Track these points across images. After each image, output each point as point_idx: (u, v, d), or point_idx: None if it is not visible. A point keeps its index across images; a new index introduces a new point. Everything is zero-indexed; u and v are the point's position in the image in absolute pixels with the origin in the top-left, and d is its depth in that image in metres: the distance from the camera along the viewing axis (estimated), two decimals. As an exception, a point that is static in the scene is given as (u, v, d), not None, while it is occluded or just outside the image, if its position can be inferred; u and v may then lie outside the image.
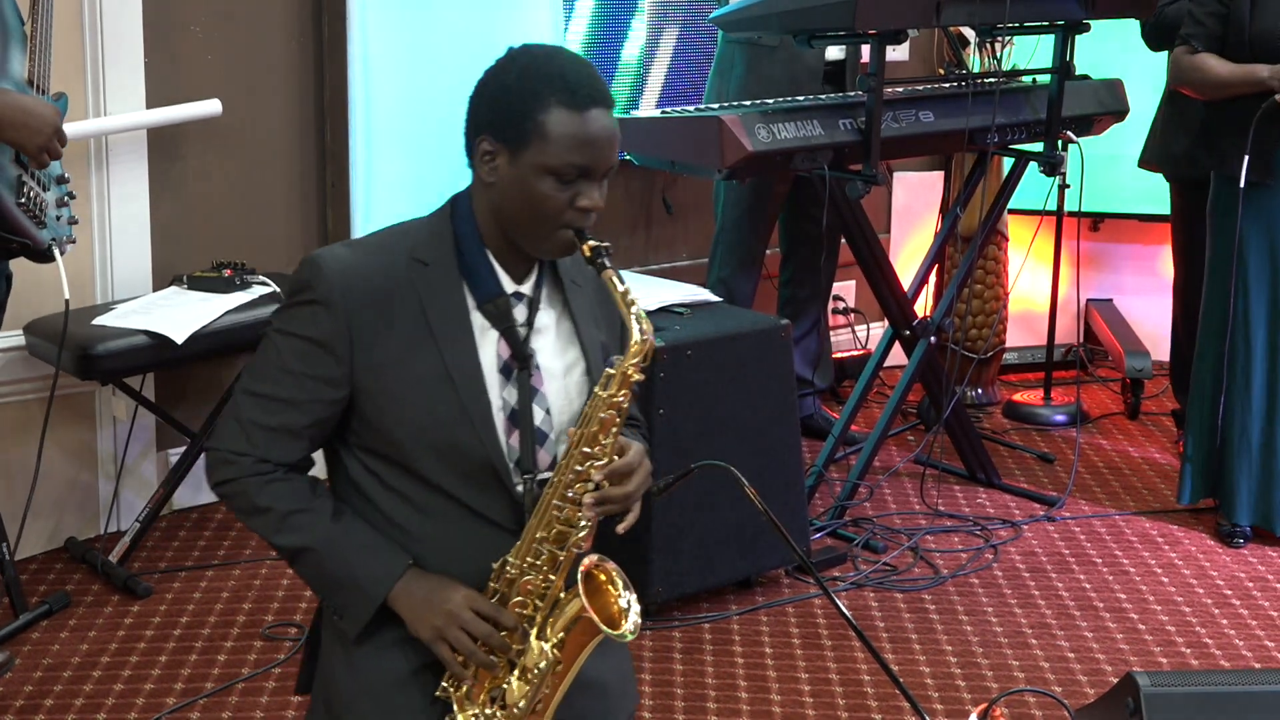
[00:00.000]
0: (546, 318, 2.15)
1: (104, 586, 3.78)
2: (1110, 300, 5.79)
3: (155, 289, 4.00)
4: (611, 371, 2.06)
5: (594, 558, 2.10)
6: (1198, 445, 4.21)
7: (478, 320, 2.08)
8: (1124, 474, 4.74)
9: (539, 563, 2.07)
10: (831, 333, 5.27)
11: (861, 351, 5.58)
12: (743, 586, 3.83)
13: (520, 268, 2.12)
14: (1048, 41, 4.37)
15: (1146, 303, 5.74)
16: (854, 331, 5.73)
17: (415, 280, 2.06)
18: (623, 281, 2.07)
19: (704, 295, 3.95)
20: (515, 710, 2.08)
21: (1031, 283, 5.52)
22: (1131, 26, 4.49)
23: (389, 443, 2.07)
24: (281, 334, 2.08)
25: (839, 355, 5.43)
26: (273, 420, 2.07)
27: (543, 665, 2.07)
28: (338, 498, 2.13)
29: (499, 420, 2.07)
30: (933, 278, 4.82)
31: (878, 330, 5.49)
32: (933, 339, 4.36)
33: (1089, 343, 5.78)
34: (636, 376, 2.07)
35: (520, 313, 2.11)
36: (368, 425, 2.08)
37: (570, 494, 2.05)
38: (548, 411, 2.12)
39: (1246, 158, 3.89)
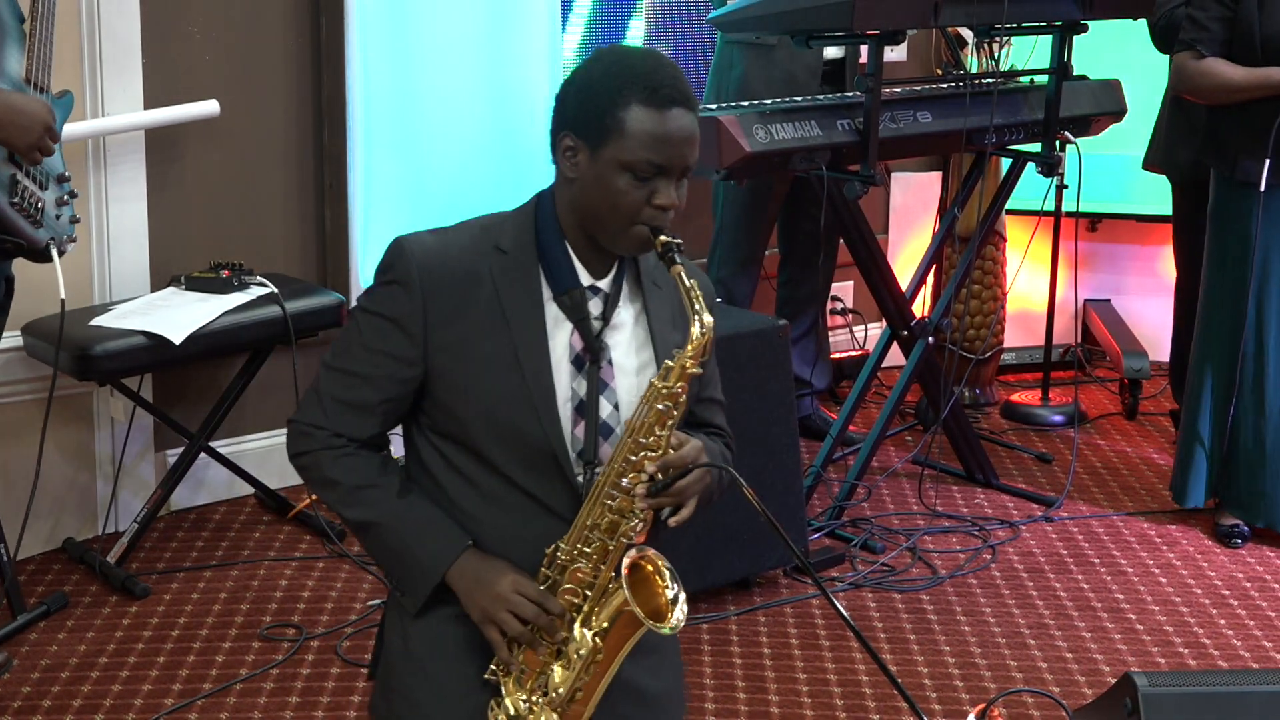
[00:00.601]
0: (624, 315, 2.19)
1: (102, 587, 3.78)
2: (1108, 301, 5.79)
3: (153, 289, 4.00)
4: (670, 364, 2.10)
5: (638, 550, 2.13)
6: (1207, 447, 4.19)
7: (552, 311, 2.14)
8: (1122, 474, 4.74)
9: (589, 551, 2.11)
10: (830, 333, 5.27)
11: (859, 352, 5.58)
12: (741, 587, 3.83)
13: (599, 263, 2.16)
14: (1045, 42, 4.37)
15: (1144, 303, 5.74)
16: (852, 332, 5.73)
17: (494, 267, 2.12)
18: (691, 277, 2.09)
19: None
20: (555, 695, 2.12)
21: (1029, 283, 5.52)
22: (1130, 27, 4.49)
23: (457, 424, 2.12)
24: (364, 312, 2.15)
25: (837, 356, 5.43)
26: (348, 395, 2.14)
27: (583, 653, 2.10)
28: (409, 478, 2.19)
29: (565, 410, 2.12)
30: (931, 278, 4.82)
31: (876, 331, 5.49)
32: (931, 339, 4.36)
33: (1087, 343, 5.78)
34: (695, 370, 2.09)
35: (595, 306, 2.16)
36: (438, 406, 2.13)
37: (623, 483, 2.08)
38: (616, 406, 2.16)
39: (1269, 161, 3.88)
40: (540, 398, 2.10)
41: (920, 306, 4.50)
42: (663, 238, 2.09)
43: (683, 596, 2.12)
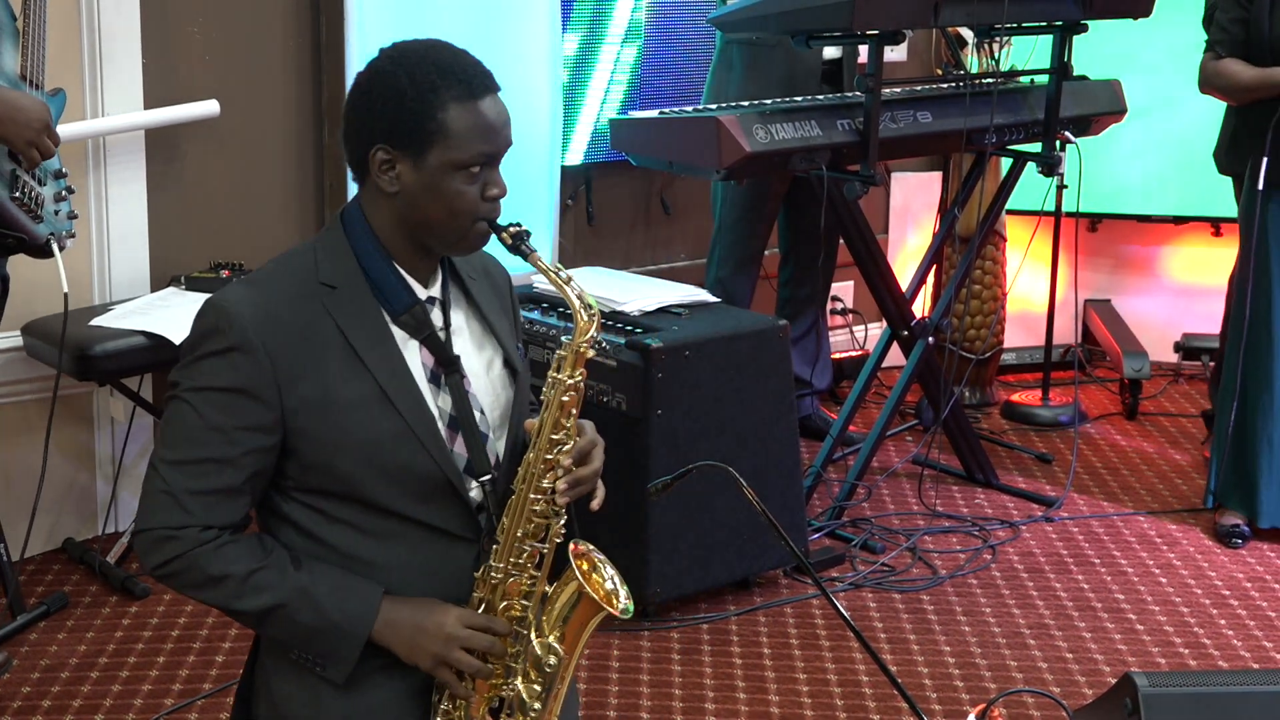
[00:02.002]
0: (457, 318, 2.11)
1: (102, 587, 3.78)
2: (1108, 301, 5.79)
3: (153, 290, 4.00)
4: (564, 354, 2.04)
5: (579, 544, 2.08)
6: (1220, 446, 4.20)
7: (397, 334, 2.03)
8: (1122, 474, 4.74)
9: (522, 561, 2.04)
10: (830, 333, 5.27)
11: (859, 352, 5.58)
12: (741, 587, 3.83)
13: (426, 272, 2.07)
14: (1045, 42, 4.37)
15: (1145, 303, 5.74)
16: (852, 332, 5.72)
17: (327, 305, 1.99)
18: (552, 261, 2.04)
19: (702, 296, 3.95)
20: (533, 712, 2.06)
21: (1029, 283, 5.52)
22: (1130, 27, 4.49)
23: (333, 477, 2.00)
24: (197, 391, 1.96)
25: (837, 356, 5.43)
26: (207, 484, 1.96)
27: (552, 661, 2.05)
28: (287, 546, 2.03)
29: (441, 430, 2.03)
30: (931, 278, 4.82)
31: (876, 331, 5.49)
32: (931, 339, 4.36)
33: (1087, 343, 5.77)
34: (590, 353, 2.04)
35: (436, 317, 2.07)
36: (307, 466, 2.00)
37: (544, 484, 2.03)
38: (482, 411, 2.09)
39: (1266, 160, 3.90)
40: (422, 428, 2.00)
41: (920, 306, 4.50)
42: (511, 228, 2.02)
43: (622, 583, 2.08)
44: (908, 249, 5.69)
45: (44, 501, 3.84)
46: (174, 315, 3.71)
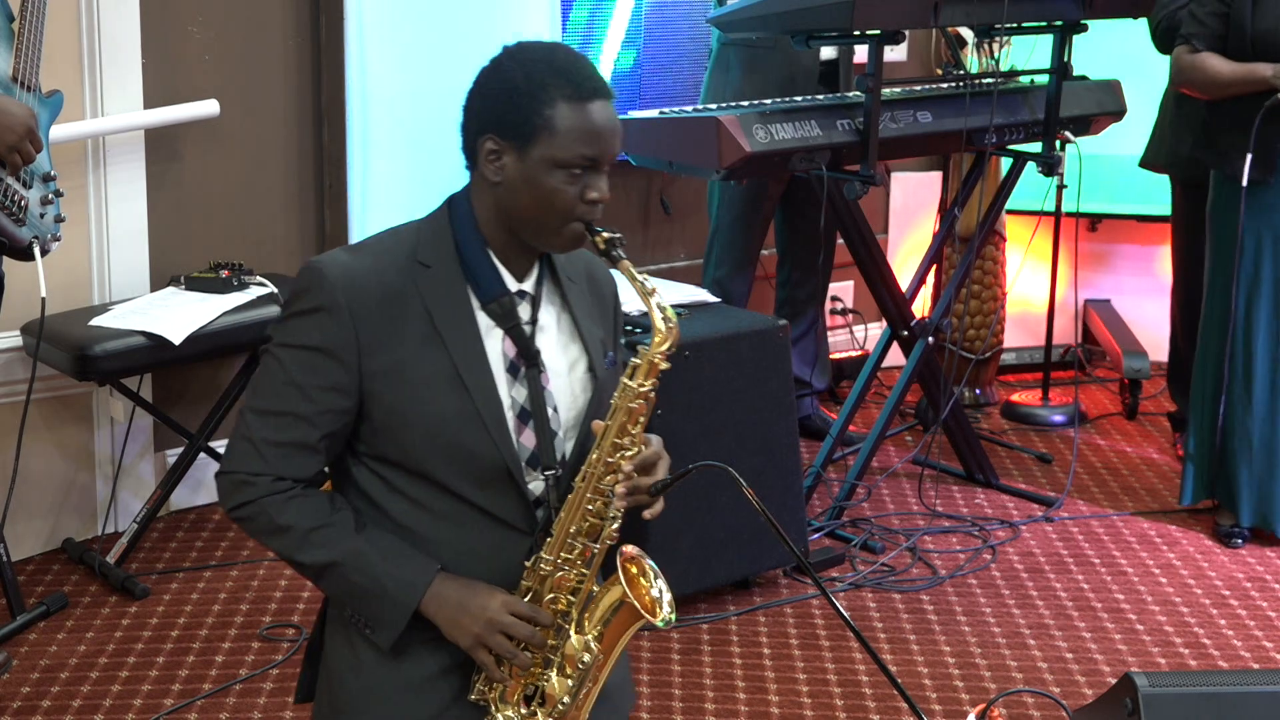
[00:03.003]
0: (548, 315, 2.15)
1: (101, 587, 3.78)
2: (1108, 301, 5.79)
3: (153, 289, 4.00)
4: (638, 361, 2.08)
5: (631, 548, 2.12)
6: (1199, 445, 4.21)
7: (483, 320, 2.08)
8: (1122, 474, 4.74)
9: (572, 557, 2.08)
10: (829, 333, 5.27)
11: (859, 352, 5.58)
12: (740, 587, 3.83)
13: (522, 265, 2.12)
14: (1045, 42, 4.37)
15: (1145, 303, 5.74)
16: (852, 332, 5.73)
17: (419, 282, 2.05)
18: (640, 272, 2.08)
19: (702, 295, 3.95)
20: (560, 706, 2.09)
21: (1029, 283, 5.52)
22: (1130, 27, 4.49)
23: (399, 448, 2.06)
24: (285, 347, 2.05)
25: (837, 356, 5.43)
26: (285, 436, 2.04)
27: (586, 659, 2.08)
28: (356, 510, 2.10)
29: (509, 419, 2.08)
30: (931, 278, 4.82)
31: (875, 331, 5.49)
32: (931, 339, 4.36)
33: (1087, 343, 5.77)
34: (664, 365, 2.08)
35: (524, 310, 2.11)
36: (377, 432, 2.06)
37: (602, 486, 2.07)
38: (554, 409, 2.13)
39: (1249, 156, 3.90)
40: (489, 413, 2.05)
41: (920, 306, 4.50)
42: (604, 234, 2.06)
43: (667, 592, 2.11)
44: (907, 249, 5.69)
45: (43, 501, 3.85)
46: (174, 315, 3.71)
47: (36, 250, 3.24)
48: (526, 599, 2.08)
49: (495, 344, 2.09)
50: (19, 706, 3.22)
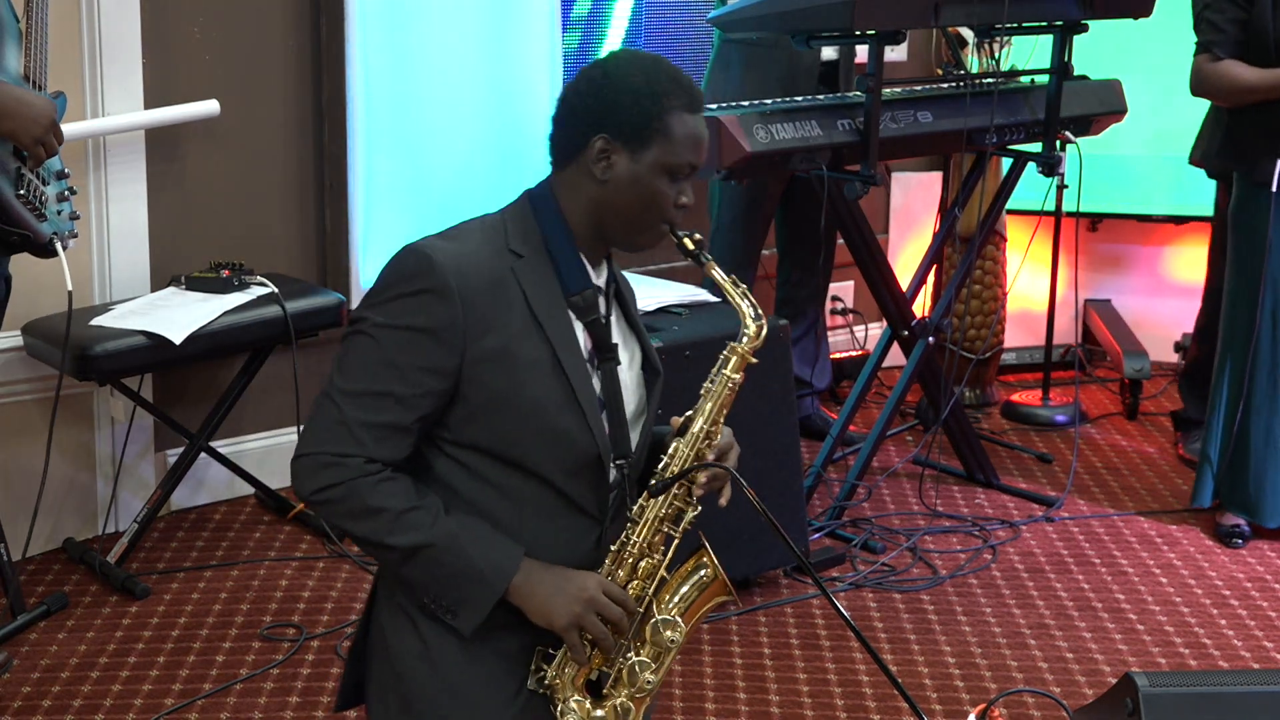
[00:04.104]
0: (614, 311, 2.23)
1: (102, 587, 3.78)
2: (1108, 301, 5.79)
3: (153, 289, 4.00)
4: (730, 354, 2.20)
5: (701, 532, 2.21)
6: (1220, 448, 4.19)
7: (568, 311, 2.15)
8: (1122, 474, 4.74)
9: (655, 542, 2.16)
10: (830, 333, 5.27)
11: (860, 352, 5.58)
12: (741, 587, 3.83)
13: (599, 262, 2.20)
14: (1045, 42, 4.37)
15: (1145, 303, 5.74)
16: (852, 332, 5.73)
17: (515, 269, 2.10)
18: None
19: (702, 295, 3.95)
20: (645, 686, 2.15)
21: (1030, 283, 5.52)
22: (1130, 27, 4.49)
23: (494, 432, 2.09)
24: (385, 328, 2.05)
25: (837, 356, 5.43)
26: (380, 417, 2.04)
27: (673, 636, 2.15)
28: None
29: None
30: (931, 278, 4.82)
31: (876, 331, 5.49)
32: (931, 339, 4.36)
33: (1087, 343, 5.78)
34: (753, 359, 2.21)
35: (601, 305, 2.19)
36: (473, 416, 2.09)
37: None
38: (622, 400, 2.20)
39: (1279, 162, 3.89)
40: (585, 399, 2.11)
41: (920, 306, 4.50)
42: (695, 236, 2.17)
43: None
44: (908, 249, 5.69)
45: (44, 501, 3.84)
46: (174, 315, 3.71)
47: (59, 246, 3.24)
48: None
49: (579, 335, 2.15)
50: (19, 706, 3.22)
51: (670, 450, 2.16)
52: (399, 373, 2.04)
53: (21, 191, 3.13)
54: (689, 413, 2.18)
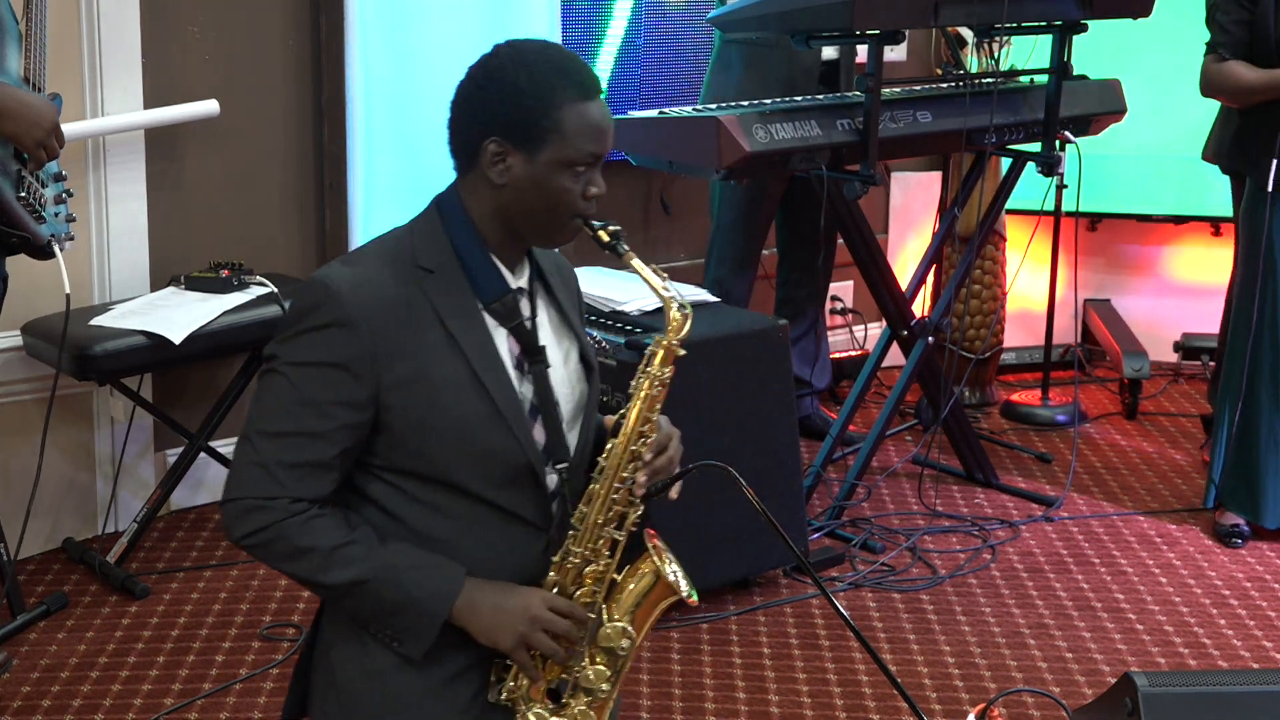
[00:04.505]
0: (540, 310, 2.17)
1: (101, 587, 3.78)
2: (1108, 300, 5.79)
3: (153, 289, 4.00)
4: (656, 349, 2.11)
5: (653, 532, 2.15)
6: (1224, 447, 4.20)
7: (487, 320, 2.09)
8: (1122, 474, 4.74)
9: (599, 547, 2.10)
10: (829, 333, 5.27)
11: (859, 352, 5.58)
12: (740, 586, 3.83)
13: (516, 262, 2.13)
14: (1045, 42, 4.37)
15: (1144, 303, 5.74)
16: (852, 332, 5.73)
17: (425, 288, 2.04)
18: (646, 261, 2.10)
19: (702, 295, 3.96)
20: (600, 693, 2.11)
21: (1029, 283, 5.52)
22: (1130, 27, 4.49)
23: (421, 456, 2.04)
24: (295, 365, 2.02)
25: (837, 355, 5.43)
26: (300, 456, 2.00)
27: (625, 644, 2.11)
28: (369, 523, 2.08)
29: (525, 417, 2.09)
30: (930, 278, 4.82)
31: (875, 330, 5.49)
32: (930, 339, 4.36)
33: (1087, 343, 5.78)
34: (681, 351, 2.11)
35: (524, 307, 2.13)
36: (395, 444, 2.04)
37: (624, 474, 2.09)
38: (557, 403, 2.14)
39: (1275, 162, 3.90)
40: (510, 412, 2.05)
41: (920, 306, 4.50)
42: (610, 227, 2.08)
43: (683, 572, 2.16)
44: (907, 249, 5.69)
45: (44, 501, 3.85)
46: (173, 315, 3.72)
47: (56, 248, 3.24)
48: (555, 592, 2.10)
49: (501, 342, 2.09)
50: (19, 706, 3.22)
51: (604, 452, 2.11)
52: (315, 410, 1.99)
53: (22, 194, 3.13)
54: (622, 411, 2.12)
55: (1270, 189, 3.93)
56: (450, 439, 2.03)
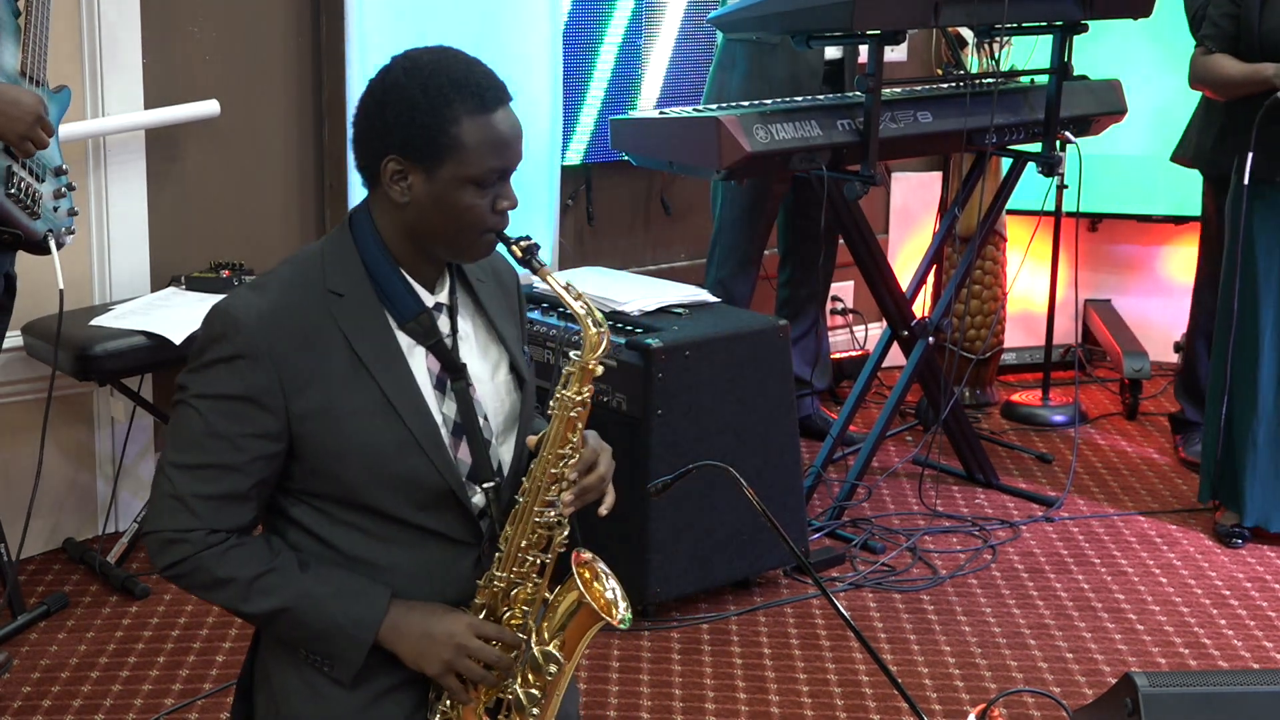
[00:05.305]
0: (465, 323, 2.11)
1: (102, 587, 3.78)
2: (1108, 301, 5.79)
3: (153, 289, 4.00)
4: (571, 369, 2.04)
5: (584, 552, 2.10)
6: (1209, 445, 4.20)
7: (403, 340, 2.04)
8: (1122, 474, 4.74)
9: (525, 570, 2.06)
10: (830, 333, 5.27)
11: (860, 352, 5.58)
12: (741, 587, 3.83)
13: (433, 277, 2.07)
14: (1045, 42, 4.37)
15: (1145, 303, 5.74)
16: (852, 332, 5.73)
17: (334, 313, 1.99)
18: (561, 278, 2.04)
19: (702, 296, 3.95)
20: (532, 715, 2.08)
21: (1030, 283, 5.52)
22: (1130, 27, 4.49)
23: (337, 483, 2.01)
24: (204, 398, 1.97)
25: (837, 356, 5.43)
26: (214, 489, 1.97)
27: (553, 669, 2.07)
28: (293, 548, 2.05)
29: (444, 437, 2.04)
30: (931, 278, 4.82)
31: (876, 331, 5.49)
32: (931, 339, 4.36)
33: (1087, 343, 5.78)
34: (598, 370, 2.04)
35: (443, 324, 2.07)
36: (312, 471, 2.01)
37: (548, 497, 2.04)
38: (485, 418, 2.10)
39: (1251, 155, 3.91)
40: (426, 438, 2.00)
41: (920, 306, 4.50)
42: (522, 243, 2.01)
43: (621, 592, 2.10)
44: (908, 249, 5.69)
45: (44, 501, 3.85)
46: (174, 315, 3.71)
47: (53, 243, 3.24)
48: (482, 616, 2.06)
49: (419, 362, 2.04)
50: (19, 706, 3.22)
51: (527, 476, 2.06)
52: (227, 443, 1.96)
53: (11, 190, 3.13)
54: (541, 433, 2.06)
55: (1246, 181, 3.94)
56: (362, 466, 1.99)
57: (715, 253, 4.76)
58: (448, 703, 2.07)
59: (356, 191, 4.28)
